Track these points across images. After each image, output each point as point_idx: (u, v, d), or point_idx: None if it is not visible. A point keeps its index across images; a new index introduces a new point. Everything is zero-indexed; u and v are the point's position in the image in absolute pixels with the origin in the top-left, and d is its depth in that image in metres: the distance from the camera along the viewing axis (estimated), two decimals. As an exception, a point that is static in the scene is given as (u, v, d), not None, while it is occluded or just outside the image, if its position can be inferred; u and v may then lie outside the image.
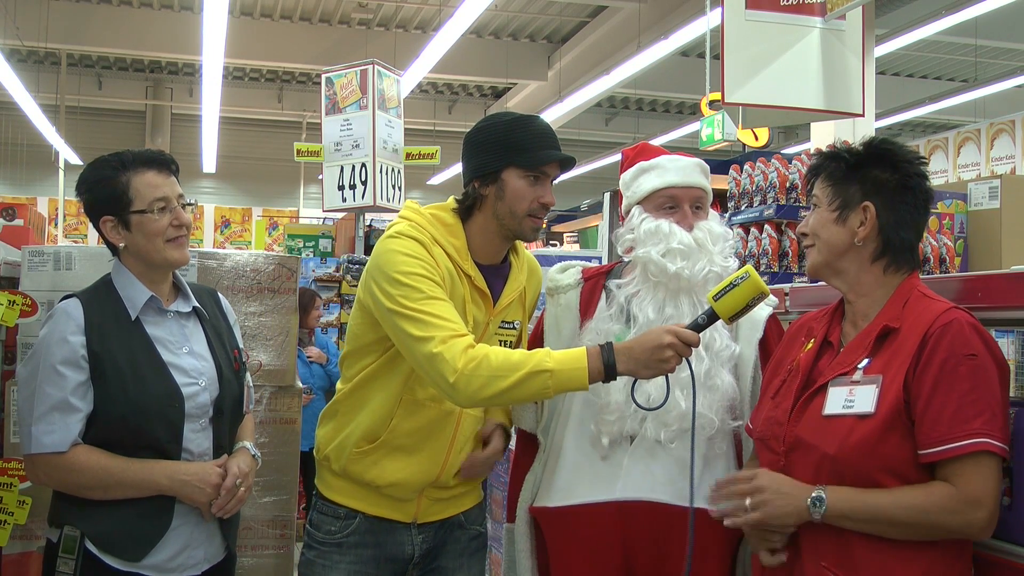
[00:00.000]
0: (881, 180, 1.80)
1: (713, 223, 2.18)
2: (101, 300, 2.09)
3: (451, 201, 2.21)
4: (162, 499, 2.04)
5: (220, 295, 2.36)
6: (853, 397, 1.70)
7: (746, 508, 1.74)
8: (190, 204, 2.17)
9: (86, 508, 2.01)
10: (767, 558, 1.77)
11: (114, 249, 2.15)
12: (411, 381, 2.11)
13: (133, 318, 2.08)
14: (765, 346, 2.15)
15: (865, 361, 1.74)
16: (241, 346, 2.33)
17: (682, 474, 2.03)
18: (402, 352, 2.03)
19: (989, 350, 1.64)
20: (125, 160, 2.10)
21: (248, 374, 2.35)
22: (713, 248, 2.12)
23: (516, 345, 2.24)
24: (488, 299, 2.17)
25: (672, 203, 2.18)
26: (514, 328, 2.25)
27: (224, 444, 2.17)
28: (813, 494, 1.67)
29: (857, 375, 1.73)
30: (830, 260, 1.84)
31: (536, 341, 2.30)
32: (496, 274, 2.20)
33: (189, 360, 2.12)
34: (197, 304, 2.21)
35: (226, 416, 2.16)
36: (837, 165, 1.85)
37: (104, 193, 2.08)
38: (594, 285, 2.27)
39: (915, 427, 1.64)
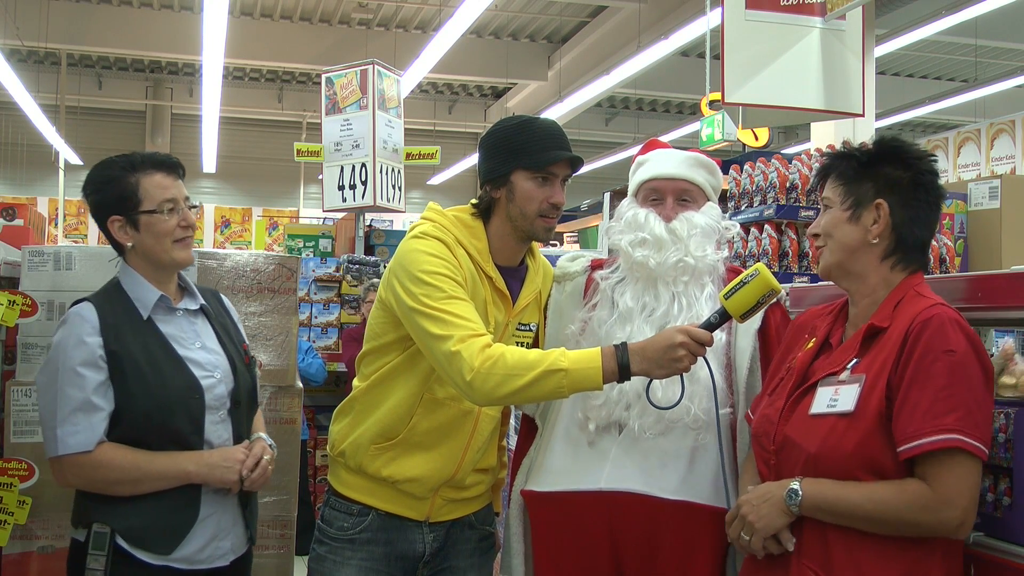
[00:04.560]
0: (894, 178, 1.79)
1: (699, 215, 2.19)
2: (112, 302, 2.11)
3: (469, 205, 2.23)
4: (189, 491, 2.07)
5: (222, 295, 2.39)
6: (837, 396, 1.70)
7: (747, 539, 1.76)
8: (195, 206, 2.21)
9: (114, 504, 2.03)
10: (775, 548, 1.75)
11: (119, 250, 2.16)
12: (431, 380, 2.12)
13: (145, 317, 2.11)
14: (765, 335, 2.15)
15: (854, 361, 1.74)
16: (247, 342, 2.36)
17: (668, 467, 2.04)
18: (422, 350, 2.05)
19: (973, 348, 1.62)
20: (135, 161, 2.14)
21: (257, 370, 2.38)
22: (689, 239, 2.14)
23: (532, 347, 2.24)
24: (508, 300, 2.18)
25: (656, 195, 2.22)
26: (530, 330, 2.26)
27: (243, 434, 2.21)
28: (789, 487, 1.69)
29: (844, 374, 1.73)
30: (842, 260, 1.82)
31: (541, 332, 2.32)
32: (514, 276, 2.21)
33: (203, 354, 2.15)
34: (204, 302, 2.25)
35: (243, 407, 2.20)
36: (848, 164, 1.83)
37: (113, 193, 2.11)
38: None
39: (892, 423, 1.62)
